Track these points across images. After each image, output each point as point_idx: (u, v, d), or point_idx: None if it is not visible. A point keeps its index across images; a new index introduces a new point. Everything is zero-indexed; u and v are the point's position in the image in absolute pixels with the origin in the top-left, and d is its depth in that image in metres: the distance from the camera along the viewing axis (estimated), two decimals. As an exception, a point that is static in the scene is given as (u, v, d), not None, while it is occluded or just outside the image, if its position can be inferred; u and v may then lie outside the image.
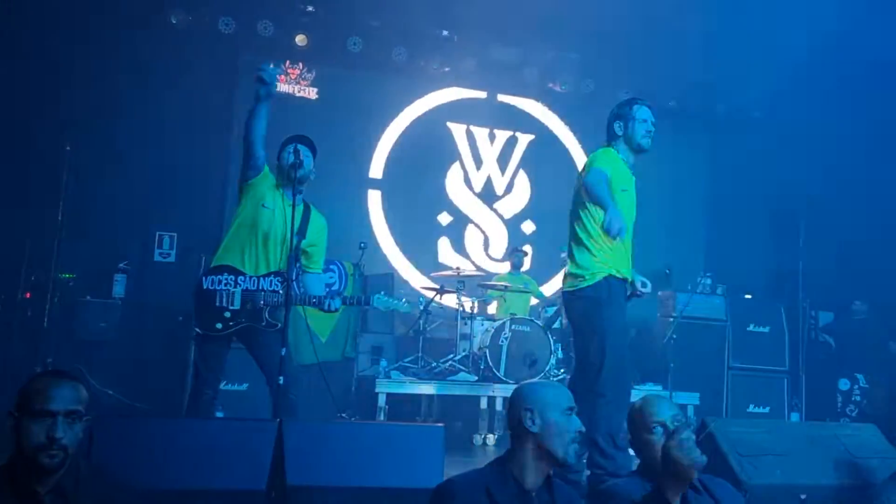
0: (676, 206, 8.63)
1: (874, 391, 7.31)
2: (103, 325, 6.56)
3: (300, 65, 7.82)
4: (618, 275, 3.67)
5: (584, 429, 2.23)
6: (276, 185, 3.90)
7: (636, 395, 6.35)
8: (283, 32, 7.37)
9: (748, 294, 7.83)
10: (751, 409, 7.20)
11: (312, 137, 4.04)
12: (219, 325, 3.74)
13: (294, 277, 3.80)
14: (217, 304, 3.74)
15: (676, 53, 7.93)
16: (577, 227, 3.74)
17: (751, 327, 7.44)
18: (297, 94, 7.81)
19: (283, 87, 7.78)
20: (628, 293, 3.79)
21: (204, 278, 3.80)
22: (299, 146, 3.83)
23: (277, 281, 3.79)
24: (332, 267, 6.75)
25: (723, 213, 8.88)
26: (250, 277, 3.79)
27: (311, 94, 7.87)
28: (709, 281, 7.70)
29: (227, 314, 3.74)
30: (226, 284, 3.76)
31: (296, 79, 7.81)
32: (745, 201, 8.62)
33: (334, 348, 6.50)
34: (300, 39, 7.44)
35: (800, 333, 7.84)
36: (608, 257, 3.65)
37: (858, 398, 7.33)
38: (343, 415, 6.08)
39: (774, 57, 7.29)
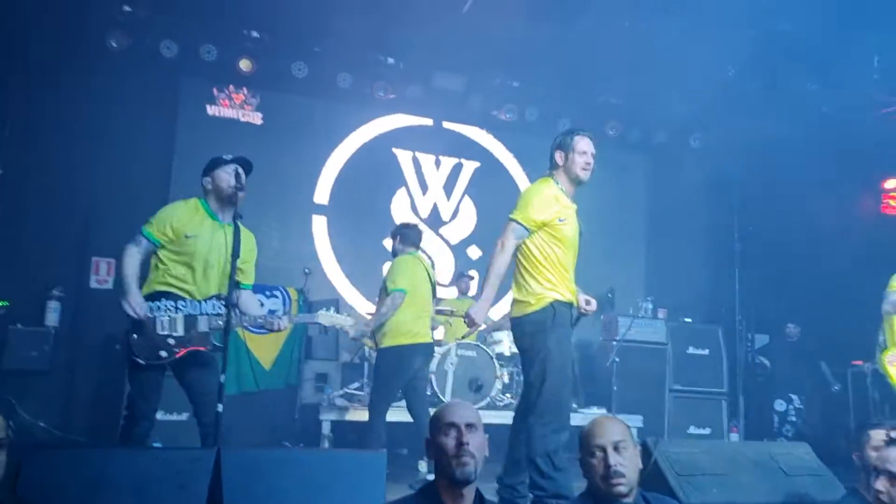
0: (618, 232, 8.83)
1: (808, 411, 7.54)
2: (35, 355, 6.32)
3: (244, 90, 7.78)
4: (563, 299, 3.74)
5: (467, 441, 2.25)
6: (196, 209, 3.82)
7: (582, 418, 6.43)
8: (226, 57, 7.31)
9: (688, 317, 8.02)
10: (691, 430, 7.33)
11: (257, 162, 3.99)
12: (163, 353, 3.63)
13: (235, 302, 3.73)
14: (159, 331, 3.64)
15: (616, 84, 8.18)
16: (519, 255, 3.80)
17: (690, 350, 7.60)
18: (242, 119, 7.76)
19: (227, 112, 7.72)
20: (574, 316, 3.87)
21: None
22: (240, 169, 3.77)
23: (220, 304, 3.71)
24: (275, 293, 6.67)
25: (663, 239, 9.11)
26: (191, 301, 3.71)
27: (256, 119, 7.82)
28: (650, 305, 7.88)
29: (172, 340, 3.65)
30: (166, 310, 3.66)
31: (240, 104, 7.76)
32: (684, 227, 8.87)
33: (278, 376, 6.40)
34: (244, 65, 7.39)
35: (737, 355, 8.06)
36: (552, 283, 3.71)
37: (794, 418, 7.55)
38: (286, 443, 5.98)
39: (710, 87, 7.58)
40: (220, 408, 3.37)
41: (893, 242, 6.93)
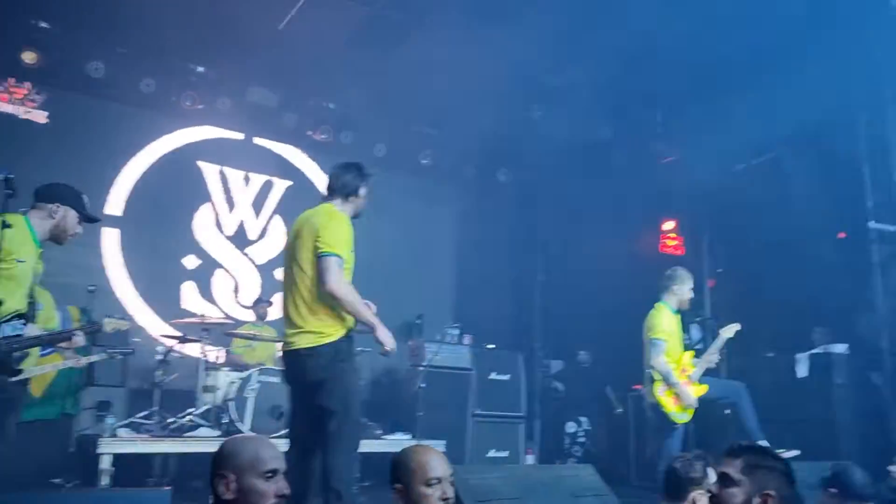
0: (427, 259, 8.97)
1: (595, 433, 8.08)
2: None
3: (27, 84, 6.99)
4: (354, 328, 3.77)
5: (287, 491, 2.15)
6: (23, 229, 3.51)
7: (387, 444, 6.41)
8: (6, 46, 6.56)
9: (492, 344, 8.30)
10: (491, 453, 7.55)
11: (39, 165, 3.70)
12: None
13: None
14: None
15: (430, 114, 8.38)
16: (307, 285, 3.68)
17: (493, 375, 7.84)
18: (23, 117, 6.94)
19: (4, 108, 6.89)
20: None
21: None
22: None
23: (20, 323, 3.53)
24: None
25: (470, 267, 9.39)
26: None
27: (40, 117, 7.03)
28: (457, 331, 8.07)
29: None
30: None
31: (21, 99, 6.95)
32: (491, 256, 9.21)
33: (50, 405, 5.73)
34: (28, 56, 6.67)
35: (535, 381, 8.49)
36: (339, 316, 3.69)
37: (583, 440, 8.04)
38: (57, 481, 5.37)
39: (517, 126, 8.00)
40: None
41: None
